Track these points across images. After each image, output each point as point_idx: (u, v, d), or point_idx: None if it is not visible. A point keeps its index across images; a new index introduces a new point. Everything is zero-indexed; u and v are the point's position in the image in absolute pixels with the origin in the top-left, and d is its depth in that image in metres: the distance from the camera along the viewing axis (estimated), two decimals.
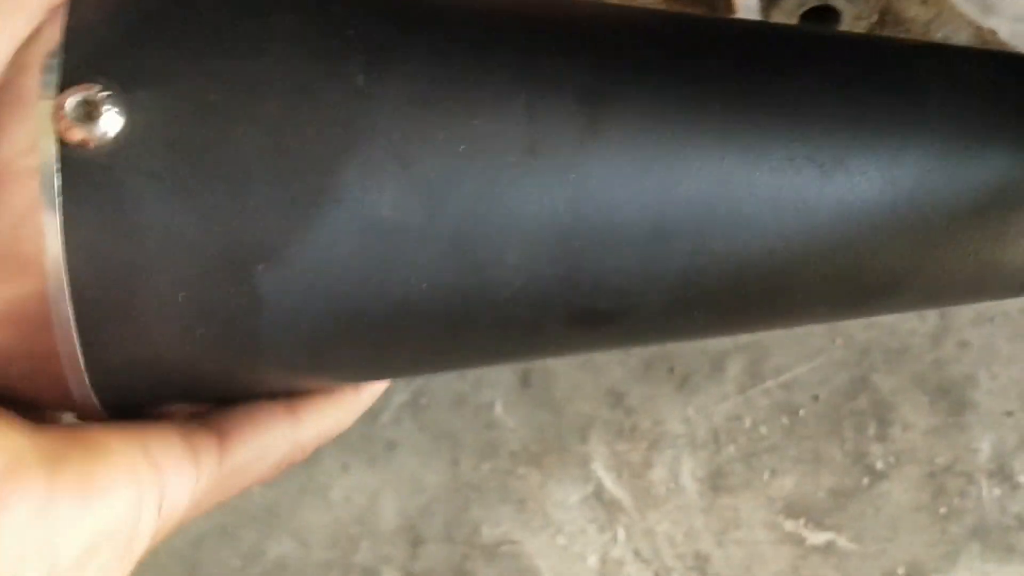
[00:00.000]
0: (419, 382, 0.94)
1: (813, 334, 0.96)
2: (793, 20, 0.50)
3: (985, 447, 0.93)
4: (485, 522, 0.90)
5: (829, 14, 0.51)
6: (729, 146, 0.37)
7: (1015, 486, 0.92)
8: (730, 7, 0.60)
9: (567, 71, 0.36)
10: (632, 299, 0.38)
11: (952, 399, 0.95)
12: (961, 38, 0.54)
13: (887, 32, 0.53)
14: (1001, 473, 0.93)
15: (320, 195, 0.32)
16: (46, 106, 0.31)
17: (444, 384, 0.93)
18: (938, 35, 0.54)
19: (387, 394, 0.92)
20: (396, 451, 0.91)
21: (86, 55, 0.32)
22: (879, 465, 0.93)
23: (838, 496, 0.92)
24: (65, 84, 0.31)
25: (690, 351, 0.96)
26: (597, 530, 0.91)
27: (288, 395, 0.41)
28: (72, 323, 0.32)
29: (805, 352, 0.96)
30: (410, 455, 0.91)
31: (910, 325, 0.96)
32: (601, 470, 0.92)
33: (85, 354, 0.33)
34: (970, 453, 0.93)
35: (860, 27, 0.50)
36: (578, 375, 0.94)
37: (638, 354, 0.95)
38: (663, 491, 0.91)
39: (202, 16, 0.33)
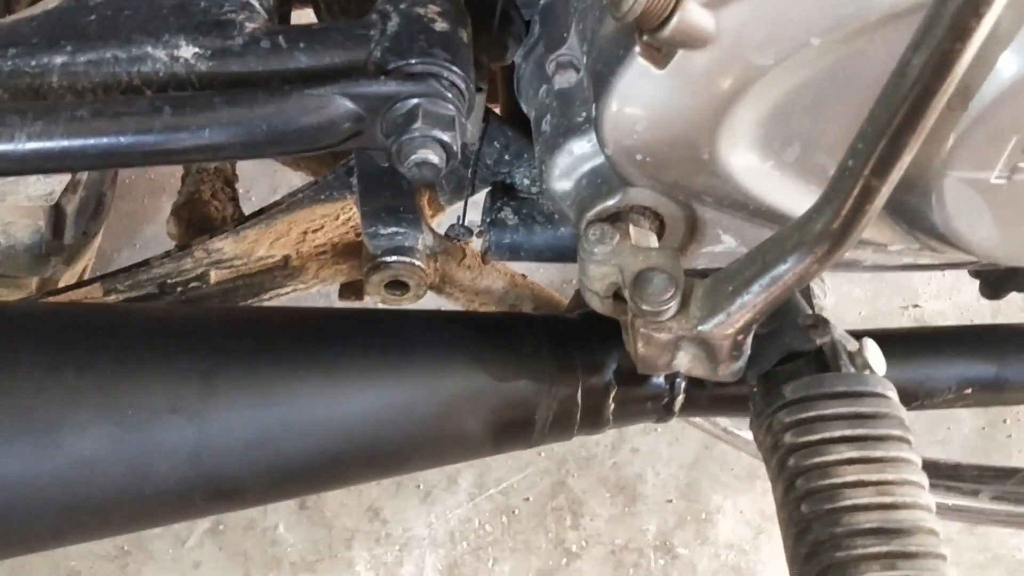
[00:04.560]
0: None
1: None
2: (381, 289, 0.81)
3: (652, 528, 1.24)
4: None
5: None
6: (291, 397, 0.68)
7: (675, 556, 1.23)
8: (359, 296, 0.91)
9: (195, 362, 0.66)
10: (244, 483, 0.67)
11: (627, 493, 1.26)
12: (499, 284, 0.86)
13: (446, 288, 0.85)
14: (664, 547, 1.24)
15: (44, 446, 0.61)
16: None
17: (239, 514, 1.20)
18: (483, 284, 0.85)
19: (193, 523, 1.18)
20: (200, 569, 1.17)
21: None
22: (574, 548, 1.23)
23: (543, 575, 1.22)
24: None
25: (432, 470, 1.25)
26: None
27: None
28: None
29: (518, 465, 1.26)
30: (211, 572, 1.17)
31: (595, 437, 1.27)
32: (363, 571, 1.20)
33: None
34: (641, 534, 1.24)
35: (423, 289, 0.81)
36: (344, 496, 1.22)
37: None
38: None
39: None
